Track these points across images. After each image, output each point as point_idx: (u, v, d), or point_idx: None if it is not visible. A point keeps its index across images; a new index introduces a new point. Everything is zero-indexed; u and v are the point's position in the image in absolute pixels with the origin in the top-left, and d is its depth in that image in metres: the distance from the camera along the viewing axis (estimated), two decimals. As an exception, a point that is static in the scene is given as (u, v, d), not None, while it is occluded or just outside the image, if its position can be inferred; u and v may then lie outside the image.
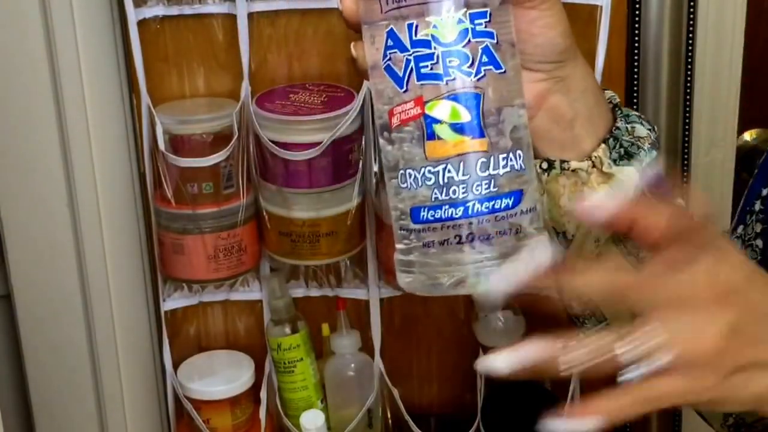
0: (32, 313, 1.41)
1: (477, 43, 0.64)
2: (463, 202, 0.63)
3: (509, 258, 0.64)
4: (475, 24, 0.64)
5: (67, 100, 1.32)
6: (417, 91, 0.64)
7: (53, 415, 1.46)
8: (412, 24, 0.63)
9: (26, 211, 1.37)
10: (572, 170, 0.75)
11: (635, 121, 0.78)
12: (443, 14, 0.63)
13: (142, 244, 1.44)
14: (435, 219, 0.64)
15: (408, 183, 0.65)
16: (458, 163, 0.63)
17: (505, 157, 0.64)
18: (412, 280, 0.66)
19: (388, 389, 1.47)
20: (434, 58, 0.63)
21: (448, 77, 0.63)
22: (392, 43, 0.64)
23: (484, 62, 0.64)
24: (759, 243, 0.85)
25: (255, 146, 1.35)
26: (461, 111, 0.63)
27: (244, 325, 1.52)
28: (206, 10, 1.36)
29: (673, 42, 1.39)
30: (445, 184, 0.63)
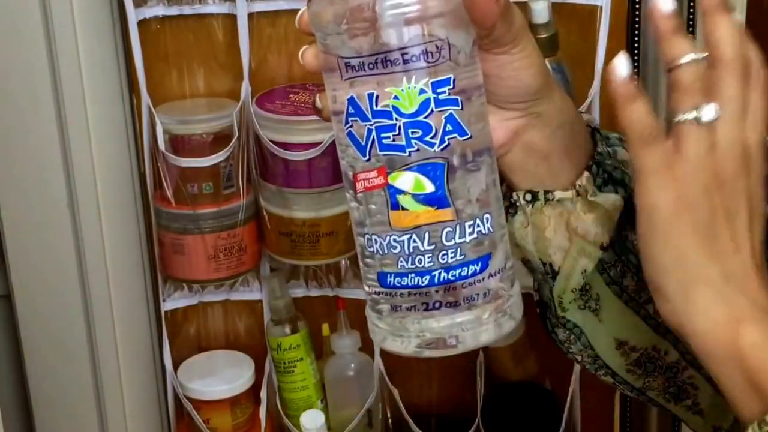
0: (32, 313, 1.41)
1: (440, 113, 0.62)
2: (429, 271, 0.63)
3: (481, 318, 0.64)
4: (438, 93, 0.62)
5: (67, 100, 1.32)
6: (380, 161, 0.62)
7: (53, 415, 1.46)
8: (372, 94, 0.62)
9: (26, 211, 1.37)
10: (557, 200, 0.74)
11: (616, 144, 0.78)
12: (404, 85, 0.61)
13: (142, 244, 1.44)
14: (401, 286, 0.64)
15: (374, 248, 0.64)
16: (423, 233, 0.62)
17: (472, 224, 0.63)
18: (382, 338, 0.66)
19: (388, 389, 1.47)
20: (396, 129, 0.62)
21: (410, 148, 0.62)
22: (353, 111, 0.63)
23: (448, 131, 0.62)
24: None
25: (255, 146, 1.35)
26: (425, 182, 0.62)
27: (244, 325, 1.52)
28: (206, 10, 1.36)
29: (673, 42, 1.39)
30: (410, 253, 0.63)
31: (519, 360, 1.46)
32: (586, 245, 0.75)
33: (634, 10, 1.36)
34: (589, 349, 0.80)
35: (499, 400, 1.49)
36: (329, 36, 0.63)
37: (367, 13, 0.61)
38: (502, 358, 1.46)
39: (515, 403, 1.49)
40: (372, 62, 0.61)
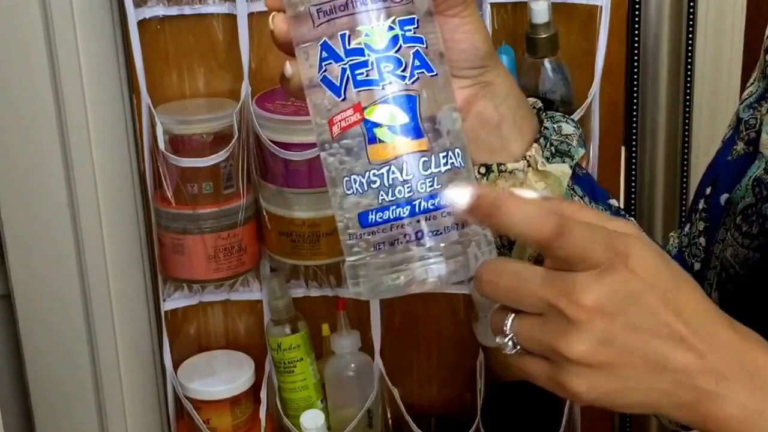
0: (32, 313, 1.41)
1: (408, 48, 0.66)
2: (408, 201, 0.65)
3: (455, 254, 0.66)
4: (405, 30, 0.66)
5: (67, 100, 1.32)
6: (355, 98, 0.66)
7: (53, 415, 1.46)
8: (344, 34, 0.66)
9: (26, 211, 1.37)
10: (510, 171, 0.78)
11: (561, 121, 0.81)
12: (373, 23, 0.65)
13: (142, 244, 1.44)
14: (383, 220, 0.66)
15: (354, 188, 0.66)
16: (401, 163, 0.65)
17: (445, 155, 0.66)
18: (367, 287, 0.67)
19: (388, 389, 1.47)
20: (369, 65, 0.65)
21: (383, 82, 0.65)
22: (327, 55, 0.66)
23: (416, 66, 0.66)
24: (702, 241, 0.87)
25: (255, 146, 1.35)
26: (399, 113, 0.65)
27: (244, 325, 1.52)
28: (206, 10, 1.36)
29: (672, 42, 1.39)
30: (390, 185, 0.65)
31: (519, 360, 1.45)
32: None
33: (634, 10, 1.36)
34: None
35: (499, 400, 1.49)
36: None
37: None
38: (502, 358, 1.46)
39: (515, 403, 1.49)
40: (342, 4, 0.66)
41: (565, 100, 1.34)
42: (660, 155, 1.44)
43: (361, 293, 0.68)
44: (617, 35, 1.35)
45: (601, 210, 0.82)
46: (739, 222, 0.82)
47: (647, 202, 1.47)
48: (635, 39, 1.37)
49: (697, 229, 0.87)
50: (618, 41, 1.36)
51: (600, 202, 0.83)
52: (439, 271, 0.65)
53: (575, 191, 0.81)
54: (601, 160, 1.37)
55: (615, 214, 0.83)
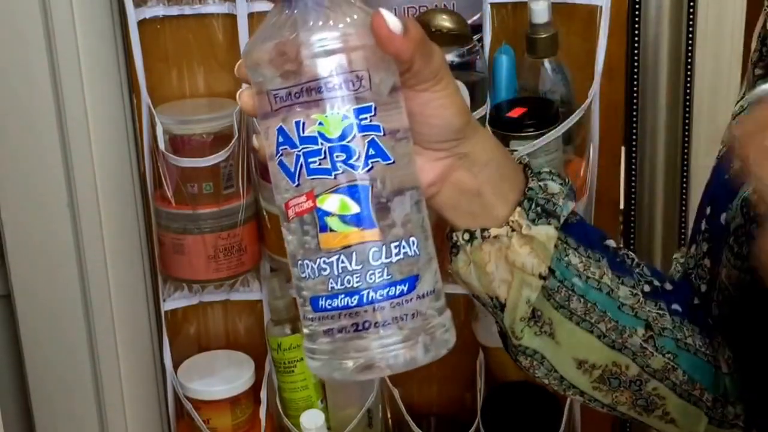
0: (32, 313, 1.41)
1: (363, 137, 0.65)
2: (357, 290, 0.65)
3: (406, 343, 0.66)
4: (360, 119, 0.65)
5: (67, 100, 1.32)
6: (308, 186, 0.66)
7: (53, 415, 1.46)
8: (299, 121, 0.65)
9: (26, 211, 1.37)
10: (494, 237, 0.77)
11: (546, 178, 0.80)
12: (327, 111, 0.65)
13: (142, 244, 1.44)
14: (332, 308, 0.66)
15: (306, 273, 0.67)
16: (350, 253, 0.65)
17: (398, 245, 0.66)
18: (318, 365, 0.68)
19: (388, 389, 1.47)
20: (322, 154, 0.65)
21: (336, 171, 0.65)
22: (282, 140, 0.66)
23: (371, 155, 0.66)
24: (707, 262, 0.86)
25: (255, 146, 1.35)
26: (350, 203, 0.65)
27: (244, 325, 1.52)
28: (206, 10, 1.36)
29: (673, 42, 1.39)
30: (339, 274, 0.65)
31: (519, 360, 1.46)
32: (526, 276, 0.78)
33: (634, 10, 1.36)
34: (553, 372, 0.83)
35: (499, 400, 1.49)
36: (260, 73, 0.68)
37: (291, 47, 0.65)
38: (502, 358, 1.46)
39: (515, 403, 1.49)
40: (298, 91, 0.65)
41: (565, 100, 1.34)
42: (660, 155, 1.44)
43: (315, 371, 0.68)
44: (617, 35, 1.35)
45: (597, 257, 0.81)
46: (731, 243, 0.81)
47: (647, 202, 1.47)
48: (635, 39, 1.37)
49: (702, 250, 0.87)
50: (618, 41, 1.36)
51: (596, 247, 0.82)
52: (388, 361, 0.65)
53: (568, 243, 0.80)
54: (601, 160, 1.37)
55: (613, 255, 0.83)
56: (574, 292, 0.80)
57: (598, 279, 0.81)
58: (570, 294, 0.80)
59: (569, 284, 0.80)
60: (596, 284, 0.81)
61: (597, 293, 0.81)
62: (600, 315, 0.81)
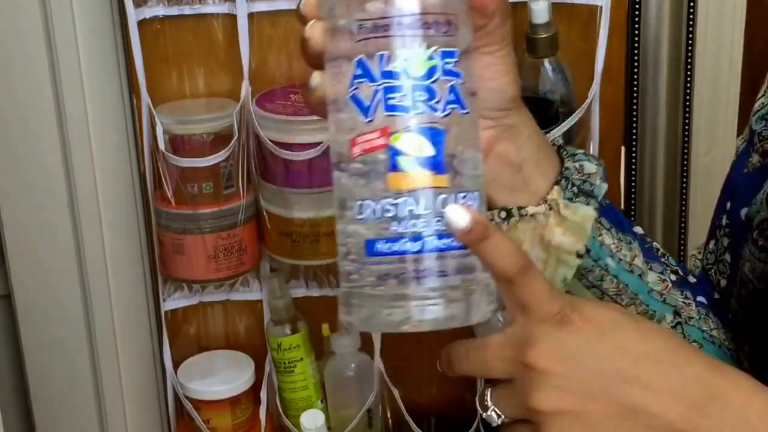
0: (32, 313, 1.41)
1: (445, 81, 0.64)
2: (419, 236, 0.63)
3: (457, 298, 0.64)
4: (445, 62, 0.64)
5: (68, 100, 1.32)
6: (382, 122, 0.64)
7: (53, 415, 1.46)
8: (383, 55, 0.64)
9: (26, 211, 1.37)
10: (530, 215, 0.77)
11: (582, 159, 0.81)
12: (415, 49, 0.64)
13: (142, 244, 1.44)
14: (390, 252, 0.63)
15: (365, 215, 0.64)
16: (420, 196, 0.63)
17: (465, 196, 0.64)
18: (356, 316, 0.66)
19: (388, 389, 1.47)
20: (402, 91, 0.63)
21: (415, 110, 0.63)
22: (361, 73, 0.64)
23: (450, 100, 0.64)
24: (728, 257, 0.87)
25: (255, 146, 1.35)
26: (426, 145, 0.63)
27: (244, 325, 1.52)
28: (206, 10, 1.36)
29: (673, 42, 1.39)
30: (404, 216, 0.63)
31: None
32: (562, 255, 0.78)
33: (634, 10, 1.36)
34: None
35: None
36: (343, 4, 0.65)
37: None
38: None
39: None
40: (387, 24, 0.64)
41: (565, 100, 1.34)
42: (660, 155, 1.44)
43: (351, 323, 0.66)
44: (617, 35, 1.35)
45: (629, 239, 0.82)
46: (755, 236, 0.81)
47: (647, 202, 1.47)
48: (635, 39, 1.37)
49: (722, 245, 0.87)
50: (618, 41, 1.36)
51: (627, 231, 0.82)
52: (436, 314, 0.64)
53: (602, 224, 0.80)
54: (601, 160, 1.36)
55: (641, 241, 0.83)
56: (608, 272, 0.80)
57: (629, 261, 0.81)
58: (603, 274, 0.80)
59: (603, 264, 0.80)
60: (628, 266, 0.81)
61: (629, 275, 0.81)
62: (631, 297, 0.81)
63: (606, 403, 0.63)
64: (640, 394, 0.63)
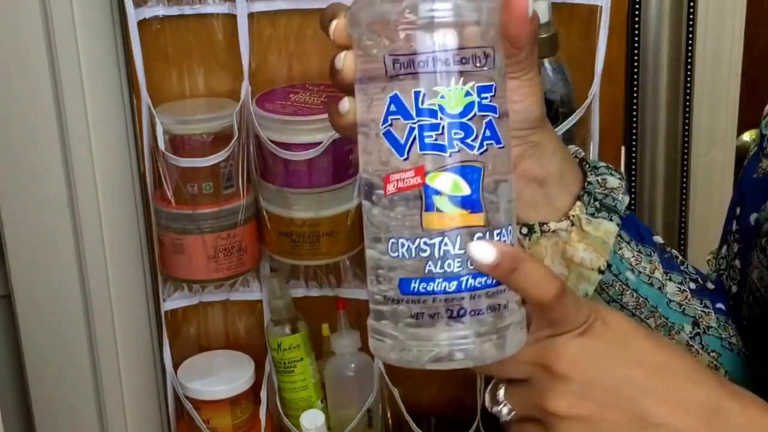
0: (32, 313, 1.41)
1: (481, 117, 0.63)
2: (457, 276, 0.62)
3: (491, 335, 0.64)
4: (482, 98, 0.63)
5: (67, 100, 1.32)
6: (418, 161, 0.62)
7: (53, 415, 1.46)
8: (419, 92, 0.62)
9: (26, 211, 1.37)
10: (552, 231, 0.77)
11: (605, 173, 0.81)
12: (452, 85, 0.62)
13: (142, 244, 1.44)
14: (427, 292, 0.63)
15: (399, 252, 0.63)
16: (455, 236, 0.62)
17: (500, 233, 0.64)
18: (388, 352, 0.65)
19: (388, 389, 1.47)
20: (439, 129, 0.62)
21: (452, 149, 0.62)
22: (395, 109, 0.63)
23: (486, 136, 0.63)
24: (738, 263, 0.86)
25: (255, 146, 1.35)
26: (462, 184, 0.62)
27: (244, 325, 1.52)
28: (206, 10, 1.36)
29: (673, 42, 1.39)
30: (440, 257, 0.62)
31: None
32: (584, 271, 0.78)
33: (634, 10, 1.36)
34: None
35: (499, 400, 1.48)
36: (376, 34, 0.63)
37: (423, 10, 0.62)
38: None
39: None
40: (423, 60, 0.62)
41: (565, 100, 1.34)
42: (660, 155, 1.44)
43: (383, 356, 0.66)
44: (617, 35, 1.35)
45: (648, 251, 0.82)
46: (763, 244, 0.81)
47: (647, 202, 1.47)
48: (635, 39, 1.37)
49: (733, 251, 0.87)
50: (618, 41, 1.36)
51: (647, 242, 0.82)
52: (470, 353, 0.63)
53: (622, 237, 0.80)
54: (601, 160, 1.36)
55: (661, 251, 0.83)
56: (628, 286, 0.80)
57: (649, 274, 0.81)
58: (623, 288, 0.80)
59: (623, 278, 0.80)
60: (647, 279, 0.81)
61: (648, 288, 0.81)
62: (651, 310, 0.81)
63: (620, 412, 0.64)
64: (652, 405, 0.64)
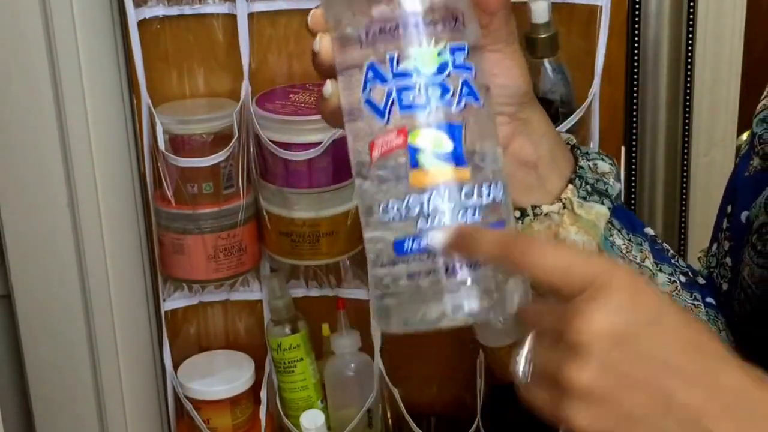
0: (32, 313, 1.41)
1: (457, 75, 0.64)
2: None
3: (492, 289, 0.64)
4: (455, 56, 0.64)
5: (67, 100, 1.32)
6: (399, 122, 0.64)
7: (53, 415, 1.46)
8: (393, 56, 0.64)
9: (26, 211, 1.37)
10: (545, 214, 0.77)
11: (596, 158, 0.80)
12: (424, 46, 0.64)
13: (142, 244, 1.44)
14: (420, 249, 0.63)
15: (392, 215, 0.64)
16: (443, 191, 0.63)
17: (488, 187, 0.64)
18: (394, 319, 0.65)
19: (388, 389, 1.47)
20: (416, 89, 0.64)
21: (430, 107, 0.64)
22: (372, 76, 0.64)
23: (464, 93, 0.64)
24: (728, 261, 0.86)
25: (255, 146, 1.35)
26: (444, 140, 0.63)
27: (244, 325, 1.52)
28: (206, 10, 1.36)
29: (673, 42, 1.39)
30: (429, 213, 0.63)
31: (519, 360, 1.46)
32: None
33: (634, 10, 1.36)
34: None
35: (499, 400, 1.49)
36: (348, 10, 0.65)
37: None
38: (502, 358, 1.46)
39: (515, 403, 1.48)
40: (393, 26, 0.64)
41: (565, 100, 1.34)
42: (660, 155, 1.44)
43: (390, 326, 0.65)
44: (617, 35, 1.35)
45: (639, 240, 0.81)
46: (754, 241, 0.81)
47: (647, 202, 1.47)
48: (635, 39, 1.37)
49: (723, 248, 0.86)
50: (618, 41, 1.36)
51: (638, 232, 0.82)
52: (473, 306, 0.63)
53: (613, 224, 0.80)
54: (601, 160, 1.36)
55: (652, 242, 0.83)
56: None
57: (639, 263, 0.81)
58: None
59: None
60: (638, 267, 0.81)
61: None
62: None
63: (643, 392, 0.60)
64: (680, 386, 0.60)
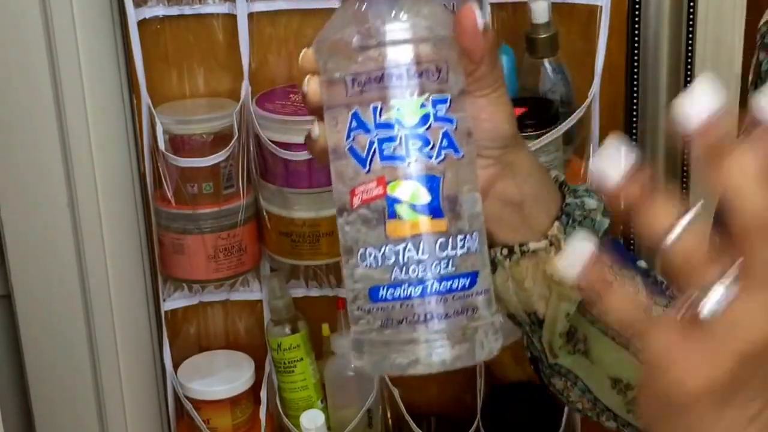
0: (32, 313, 1.41)
1: (438, 128, 0.65)
2: (421, 281, 0.64)
3: (462, 339, 0.65)
4: (437, 109, 0.65)
5: (67, 100, 1.32)
6: (379, 172, 0.65)
7: (53, 415, 1.46)
8: (376, 107, 0.65)
9: (26, 211, 1.37)
10: (532, 251, 0.77)
11: (584, 195, 0.80)
12: (407, 98, 0.65)
13: (142, 244, 1.44)
14: (394, 298, 0.65)
15: (368, 262, 0.65)
16: (419, 242, 0.65)
17: (462, 239, 0.65)
18: (367, 361, 0.68)
19: (388, 389, 1.47)
20: (397, 140, 0.65)
21: (409, 159, 0.65)
22: (356, 125, 0.66)
23: (444, 146, 0.65)
24: None
25: (255, 146, 1.35)
26: (422, 192, 0.65)
27: (244, 325, 1.52)
28: (206, 10, 1.36)
29: (673, 42, 1.39)
30: (404, 263, 0.64)
31: (519, 360, 1.46)
32: (563, 290, 0.78)
33: (634, 10, 1.36)
34: (587, 394, 0.82)
35: (499, 400, 1.49)
36: (336, 58, 0.67)
37: (373, 32, 0.65)
38: (502, 358, 1.46)
39: (515, 403, 1.49)
40: (377, 77, 0.65)
41: (565, 100, 1.34)
42: (660, 155, 1.44)
43: (363, 366, 0.68)
44: (617, 35, 1.35)
45: (631, 274, 0.81)
46: None
47: (647, 202, 1.47)
48: (635, 39, 1.37)
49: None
50: (618, 41, 1.36)
51: (629, 267, 0.82)
52: (443, 356, 0.65)
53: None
54: (601, 160, 1.36)
55: (645, 275, 0.83)
56: None
57: None
58: None
59: None
60: None
61: None
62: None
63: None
64: None
